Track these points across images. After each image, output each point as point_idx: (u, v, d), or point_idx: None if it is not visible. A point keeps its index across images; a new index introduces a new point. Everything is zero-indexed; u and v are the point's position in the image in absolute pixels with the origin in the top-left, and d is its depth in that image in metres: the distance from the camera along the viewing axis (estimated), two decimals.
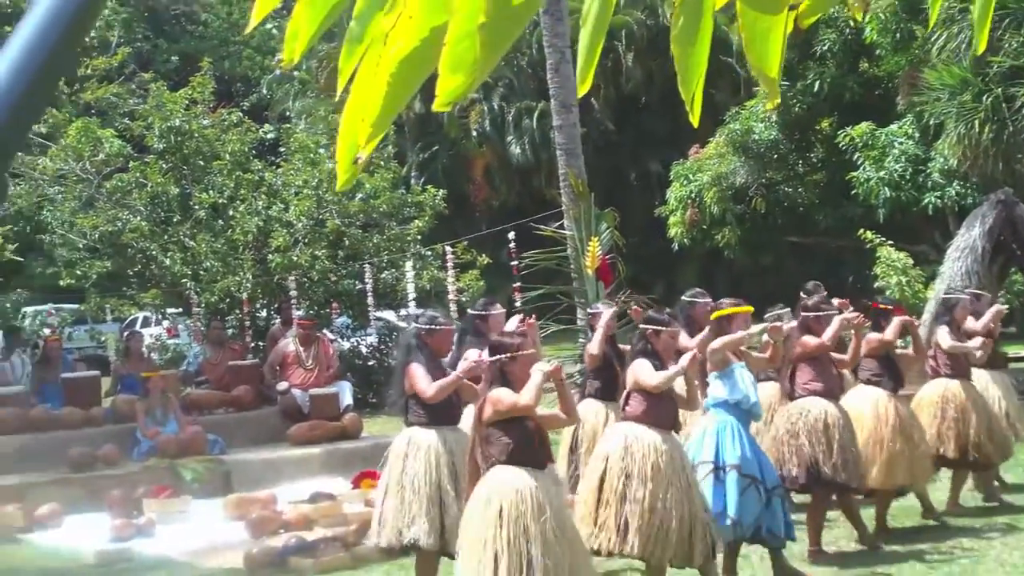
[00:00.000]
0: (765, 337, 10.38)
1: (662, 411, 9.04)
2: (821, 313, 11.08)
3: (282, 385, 18.19)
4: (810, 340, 10.85)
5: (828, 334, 10.86)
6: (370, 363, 24.25)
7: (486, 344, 10.01)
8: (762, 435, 10.99)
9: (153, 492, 14.48)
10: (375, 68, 2.03)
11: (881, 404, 11.58)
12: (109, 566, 12.18)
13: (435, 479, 9.15)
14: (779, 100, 2.50)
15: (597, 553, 8.94)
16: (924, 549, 10.84)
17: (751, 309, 10.42)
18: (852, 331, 11.27)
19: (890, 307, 12.03)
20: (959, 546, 10.88)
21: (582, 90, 2.36)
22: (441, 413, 9.34)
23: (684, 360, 9.14)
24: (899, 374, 11.85)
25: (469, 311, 11.54)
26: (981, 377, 13.00)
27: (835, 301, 11.59)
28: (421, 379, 9.22)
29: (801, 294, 12.48)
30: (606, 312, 11.61)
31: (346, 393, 18.35)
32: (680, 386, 9.33)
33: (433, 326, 9.49)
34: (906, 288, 23.14)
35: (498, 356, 7.88)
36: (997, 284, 21.77)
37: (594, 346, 11.46)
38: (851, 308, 11.68)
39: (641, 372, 9.10)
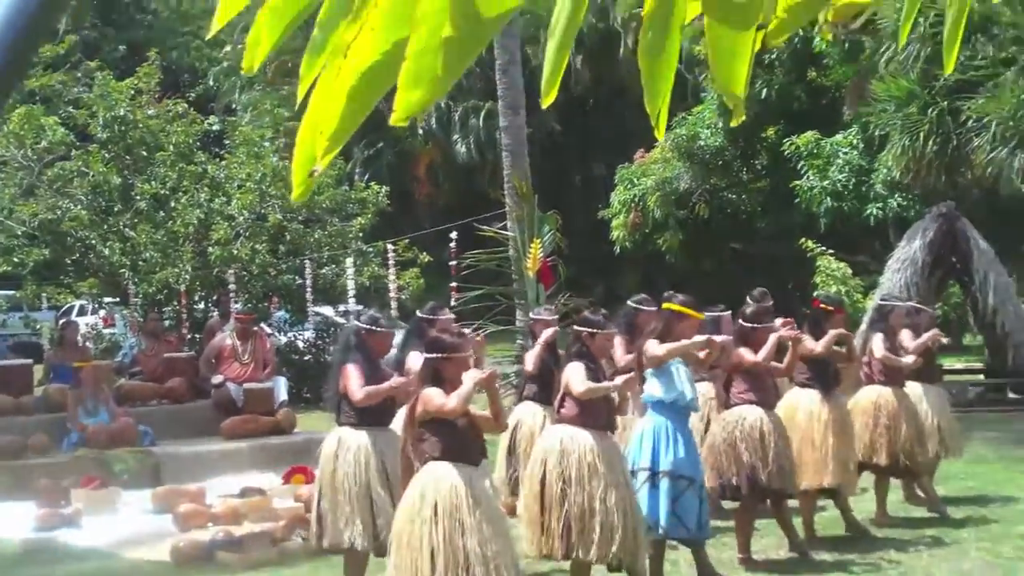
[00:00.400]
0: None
1: (596, 412, 9.00)
2: (758, 326, 11.03)
3: (217, 378, 18.06)
4: (746, 355, 10.79)
5: (763, 354, 10.79)
6: (306, 358, 24.14)
7: None
8: (699, 440, 10.93)
9: (82, 482, 14.35)
10: (335, 80, 1.99)
11: (814, 405, 11.61)
12: (34, 555, 12.05)
13: (365, 481, 9.10)
14: (744, 117, 2.45)
15: (548, 557, 8.93)
16: (852, 559, 10.84)
17: (702, 317, 10.36)
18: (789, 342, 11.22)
19: (831, 308, 11.97)
20: (887, 558, 10.86)
21: (546, 101, 2.30)
22: (372, 414, 9.28)
23: (618, 380, 9.10)
24: (833, 375, 11.84)
25: (417, 313, 11.48)
26: (915, 391, 13.00)
27: (778, 321, 11.50)
28: (353, 381, 9.15)
29: (748, 299, 12.42)
30: (548, 329, 11.55)
31: (281, 388, 18.27)
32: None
33: (374, 327, 9.42)
34: (845, 298, 23.22)
35: (433, 355, 7.82)
36: (935, 297, 21.88)
37: (529, 363, 11.44)
38: (793, 325, 11.61)
39: (572, 377, 9.05)
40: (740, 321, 11.14)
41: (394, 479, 8.91)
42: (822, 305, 12.04)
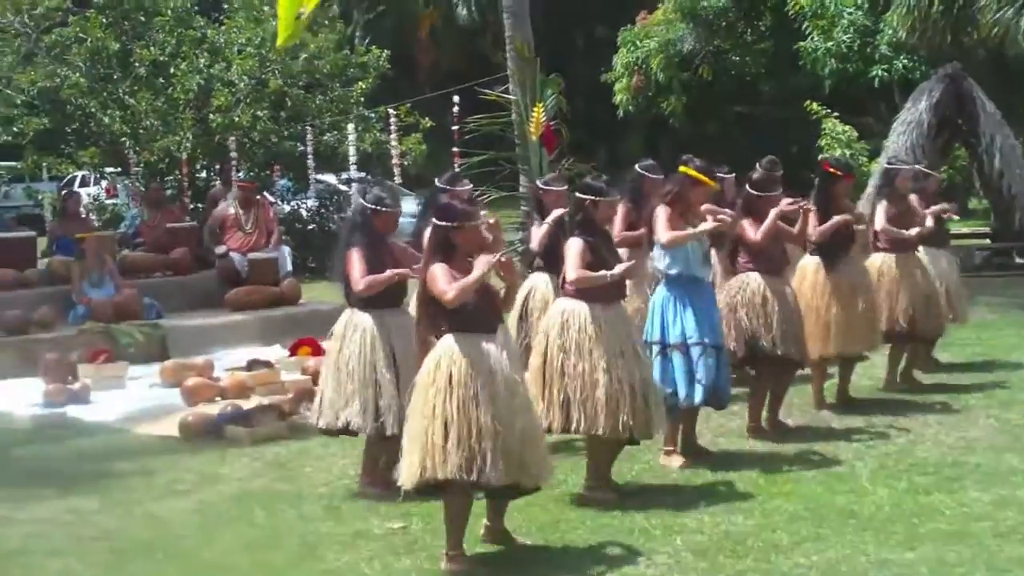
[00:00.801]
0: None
1: (601, 285, 8.90)
2: (764, 194, 10.87)
3: (220, 249, 17.99)
4: (747, 231, 10.63)
5: (762, 231, 10.59)
6: (310, 227, 24.08)
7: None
8: None
9: (89, 357, 14.35)
10: None
11: (819, 274, 11.48)
12: (43, 431, 12.08)
13: (370, 361, 9.05)
14: None
15: (549, 431, 8.83)
16: (860, 427, 10.84)
17: (716, 186, 10.20)
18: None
19: (840, 172, 11.76)
20: (896, 425, 10.87)
21: None
22: (380, 296, 9.20)
23: (618, 269, 8.92)
24: (841, 242, 11.61)
25: (436, 182, 11.37)
26: (923, 256, 12.89)
27: (785, 201, 11.19)
28: (356, 268, 9.06)
29: (757, 167, 12.23)
30: (557, 210, 11.33)
31: (286, 258, 18.21)
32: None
33: (379, 207, 9.28)
34: (850, 162, 23.06)
35: (443, 223, 7.66)
36: (941, 159, 21.73)
37: (535, 240, 11.32)
38: (800, 201, 11.33)
39: (569, 258, 8.93)
40: (747, 188, 10.99)
41: (403, 361, 8.91)
42: (831, 169, 11.84)
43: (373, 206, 9.25)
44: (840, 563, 7.34)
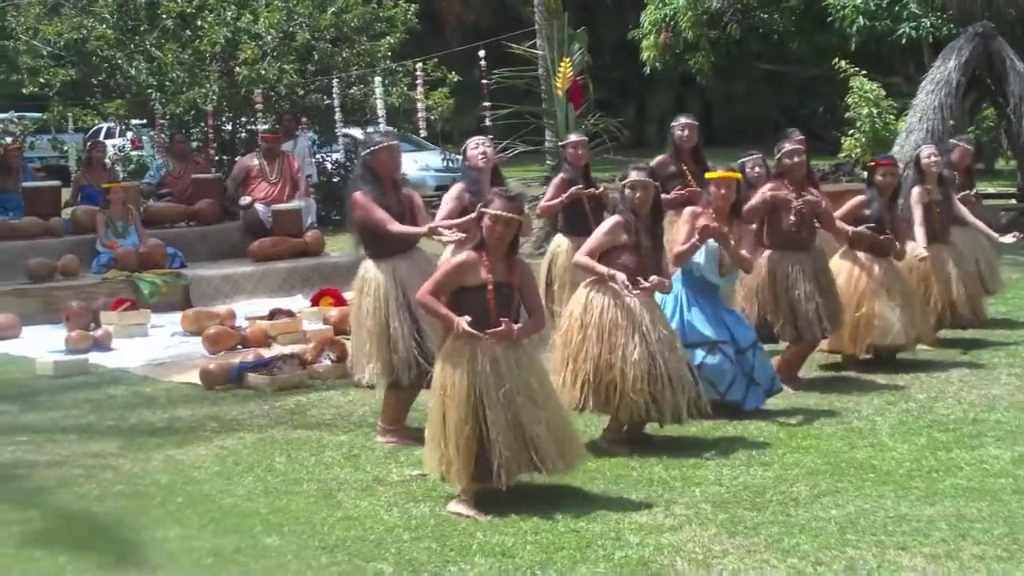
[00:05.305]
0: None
1: (630, 265, 8.81)
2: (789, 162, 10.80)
3: (245, 199, 18.00)
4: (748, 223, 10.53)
5: (749, 206, 10.48)
6: (335, 180, 24.06)
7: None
8: None
9: (112, 305, 14.42)
10: None
11: (856, 269, 11.32)
12: (67, 378, 12.12)
13: (383, 318, 9.09)
14: None
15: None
16: (881, 383, 10.82)
17: (739, 176, 10.05)
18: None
19: (874, 162, 11.67)
20: (917, 381, 10.85)
21: None
22: (394, 243, 9.19)
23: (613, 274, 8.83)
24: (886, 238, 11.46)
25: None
26: (957, 239, 12.74)
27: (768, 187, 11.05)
28: (376, 209, 9.07)
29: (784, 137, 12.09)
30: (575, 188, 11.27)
31: (310, 210, 18.23)
32: None
33: (373, 147, 9.28)
34: (877, 120, 23.00)
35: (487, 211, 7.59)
36: (968, 119, 21.64)
37: (544, 205, 11.30)
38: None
39: (592, 239, 8.92)
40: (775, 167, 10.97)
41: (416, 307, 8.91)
42: (871, 163, 11.82)
43: (369, 149, 9.27)
44: (859, 517, 7.30)
